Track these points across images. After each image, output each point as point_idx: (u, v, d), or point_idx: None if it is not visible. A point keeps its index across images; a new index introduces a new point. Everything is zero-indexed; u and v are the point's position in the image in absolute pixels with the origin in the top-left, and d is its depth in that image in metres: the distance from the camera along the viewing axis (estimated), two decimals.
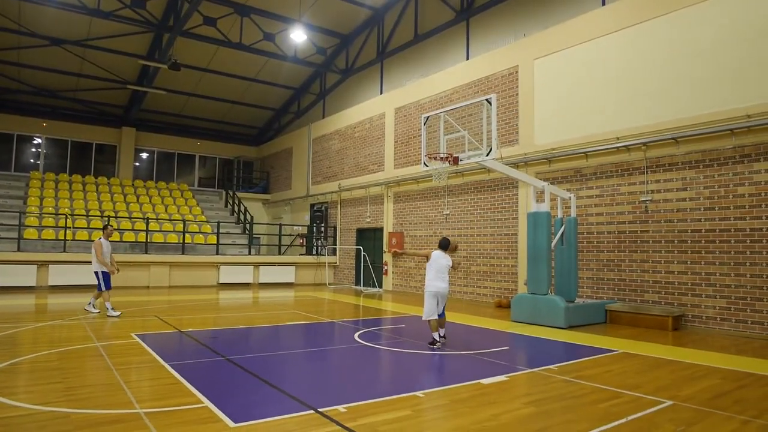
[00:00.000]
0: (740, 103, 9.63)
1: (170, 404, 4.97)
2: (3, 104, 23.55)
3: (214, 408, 4.82)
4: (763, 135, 9.39)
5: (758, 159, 9.46)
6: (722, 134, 9.87)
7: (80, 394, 5.36)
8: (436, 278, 7.95)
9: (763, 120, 9.26)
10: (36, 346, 7.74)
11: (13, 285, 15.79)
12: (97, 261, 11.03)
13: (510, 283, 13.98)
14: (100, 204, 21.90)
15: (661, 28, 10.93)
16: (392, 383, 5.98)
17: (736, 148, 9.74)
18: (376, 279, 19.17)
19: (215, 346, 7.87)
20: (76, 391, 5.49)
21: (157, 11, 18.50)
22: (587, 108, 12.27)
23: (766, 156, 9.37)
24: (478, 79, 15.15)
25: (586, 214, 12.15)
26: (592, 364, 6.97)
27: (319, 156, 23.44)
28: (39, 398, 5.07)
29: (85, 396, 5.31)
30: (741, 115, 9.57)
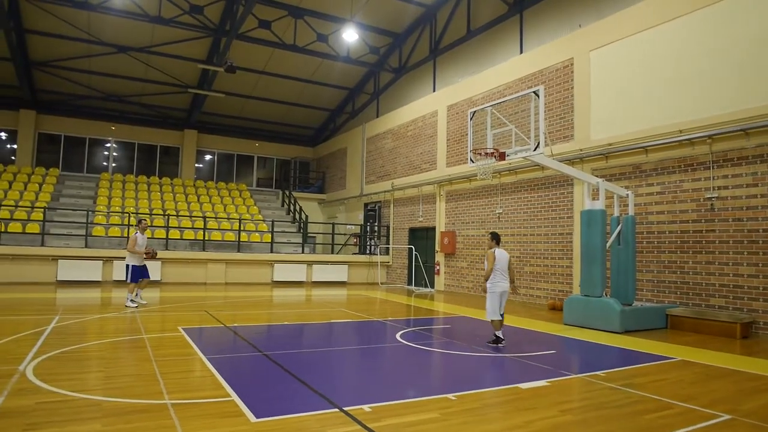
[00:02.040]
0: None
1: (198, 396, 4.99)
2: (76, 110, 24.98)
3: (239, 402, 4.80)
4: None
5: None
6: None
7: (117, 384, 5.49)
8: (501, 278, 7.89)
9: None
10: (88, 336, 8.05)
11: (80, 279, 16.65)
12: (128, 251, 11.47)
13: (564, 285, 13.40)
14: (163, 203, 22.79)
15: (727, 11, 10.13)
16: (425, 384, 5.78)
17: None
18: (428, 279, 18.93)
19: (254, 342, 7.92)
20: (114, 380, 5.63)
21: (215, 16, 19.05)
22: (647, 100, 11.58)
23: None
24: (531, 74, 14.64)
25: (646, 213, 11.45)
26: (644, 372, 6.49)
27: (373, 155, 23.44)
28: (78, 386, 5.21)
29: (120, 385, 5.43)
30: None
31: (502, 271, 7.91)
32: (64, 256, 16.80)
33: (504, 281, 7.90)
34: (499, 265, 7.89)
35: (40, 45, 20.52)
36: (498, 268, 7.87)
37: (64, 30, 19.26)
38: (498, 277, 7.89)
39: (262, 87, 24.66)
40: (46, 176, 22.98)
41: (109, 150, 26.49)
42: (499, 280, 7.87)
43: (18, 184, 21.30)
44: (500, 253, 7.97)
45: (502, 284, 7.88)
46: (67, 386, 5.16)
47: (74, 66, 21.87)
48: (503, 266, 7.93)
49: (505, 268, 7.95)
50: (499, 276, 7.89)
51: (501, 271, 7.90)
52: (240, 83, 23.73)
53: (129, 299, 11.36)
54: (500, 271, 7.89)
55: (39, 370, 5.74)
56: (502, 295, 7.90)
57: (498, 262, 7.88)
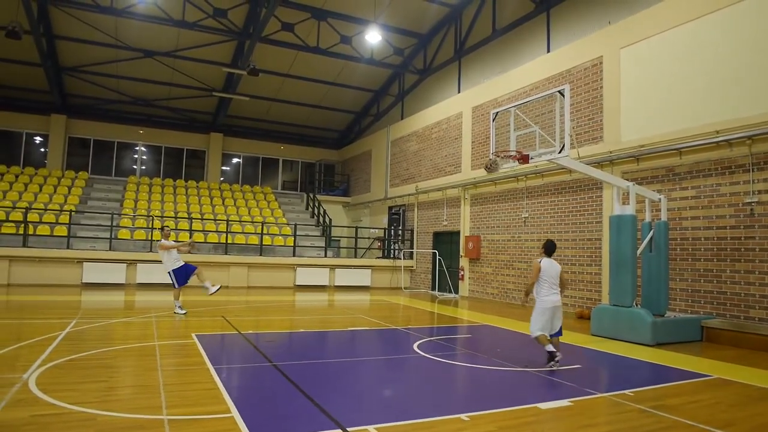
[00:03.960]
0: None
1: (198, 412, 4.76)
2: (105, 114, 25.37)
3: (239, 419, 4.54)
4: None
5: None
6: None
7: (117, 396, 5.30)
8: (550, 291, 7.04)
9: None
10: (100, 342, 7.92)
11: (105, 282, 16.78)
12: (168, 261, 11.29)
13: (593, 293, 12.86)
14: (188, 207, 22.92)
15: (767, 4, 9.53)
16: (438, 402, 5.43)
17: None
18: (452, 284, 18.52)
19: (266, 351, 7.69)
20: (115, 392, 5.45)
21: (239, 20, 19.04)
22: (681, 99, 10.99)
23: None
24: (559, 73, 14.14)
25: (680, 218, 10.86)
26: (677, 391, 6.02)
27: (397, 158, 23.15)
28: (77, 397, 5.03)
29: (120, 397, 5.25)
30: None
31: (551, 284, 7.04)
32: (89, 259, 16.96)
33: (554, 294, 7.04)
34: (546, 276, 7.04)
35: (70, 50, 20.86)
36: (545, 280, 7.04)
37: (92, 35, 19.51)
38: (545, 290, 7.04)
39: (287, 90, 24.62)
40: (75, 179, 23.37)
41: (137, 153, 26.82)
42: (547, 294, 7.03)
43: (48, 188, 21.68)
44: (548, 263, 7.13)
45: (551, 298, 7.02)
46: (66, 398, 4.99)
47: (102, 71, 22.17)
48: (551, 279, 7.05)
49: (554, 281, 7.07)
50: (546, 289, 7.04)
51: (549, 283, 7.04)
52: (264, 86, 23.75)
53: (177, 305, 11.22)
54: (548, 283, 7.04)
55: (42, 379, 5.60)
56: (555, 310, 7.03)
57: (544, 274, 7.04)
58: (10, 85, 22.81)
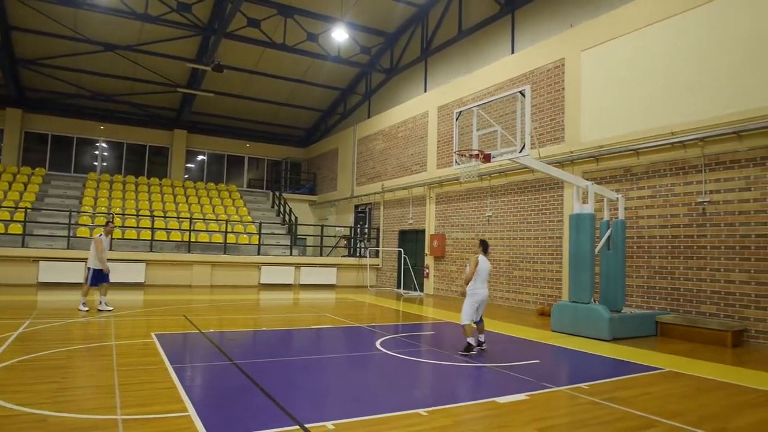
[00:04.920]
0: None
1: (154, 411, 4.68)
2: (64, 108, 24.61)
3: (195, 418, 4.49)
4: None
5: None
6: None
7: (69, 396, 5.17)
8: (482, 285, 7.78)
9: None
10: (55, 342, 7.69)
11: (62, 281, 16.29)
12: (96, 257, 11.07)
13: (554, 290, 13.13)
14: (151, 204, 22.45)
15: (720, 11, 9.88)
16: (397, 398, 5.47)
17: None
18: (417, 282, 18.64)
19: (227, 349, 7.61)
20: (67, 392, 5.31)
21: (203, 14, 18.73)
22: (639, 101, 11.32)
23: None
24: (523, 74, 14.38)
25: (637, 217, 11.19)
26: (630, 384, 6.21)
27: (364, 156, 23.15)
28: (28, 399, 4.89)
29: (73, 398, 5.12)
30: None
31: (483, 279, 7.75)
32: (46, 258, 16.44)
33: (484, 289, 7.79)
34: (483, 271, 7.74)
35: (27, 42, 20.17)
36: (481, 275, 7.72)
37: (51, 27, 18.91)
38: (479, 284, 7.74)
39: (253, 87, 24.35)
40: (31, 176, 22.60)
41: (98, 150, 26.11)
42: (480, 287, 7.74)
43: (2, 184, 20.90)
44: (484, 260, 7.80)
45: (483, 291, 7.76)
46: (16, 399, 4.84)
47: (61, 64, 21.52)
48: (485, 274, 7.77)
49: (486, 276, 7.80)
50: (479, 283, 7.74)
51: (482, 278, 7.75)
52: (230, 83, 23.43)
53: (82, 302, 10.96)
54: (481, 278, 7.74)
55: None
56: (482, 302, 7.79)
57: (481, 269, 7.72)
58: None
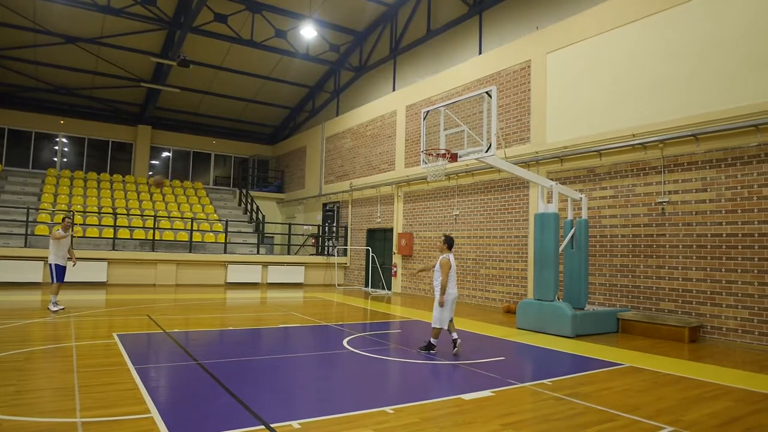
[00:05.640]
0: (766, 96, 8.87)
1: (115, 413, 4.58)
2: (21, 102, 23.79)
3: (158, 419, 4.41)
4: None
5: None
6: (746, 130, 9.12)
7: (26, 399, 5.01)
8: (453, 285, 7.53)
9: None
10: (11, 344, 7.44)
11: (18, 281, 15.78)
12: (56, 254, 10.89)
13: (519, 288, 13.35)
14: (113, 201, 21.91)
15: (681, 17, 10.20)
16: (363, 396, 5.48)
17: (762, 146, 8.98)
18: (385, 281, 18.69)
19: (192, 350, 7.50)
20: (24, 395, 5.15)
21: (169, 8, 18.35)
22: (602, 104, 11.59)
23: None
24: (490, 75, 14.55)
25: (599, 216, 11.46)
26: (591, 380, 6.36)
27: (332, 155, 23.07)
28: None
29: (30, 401, 4.97)
30: (767, 109, 8.82)
31: (453, 277, 7.53)
32: (2, 257, 15.88)
33: (455, 288, 7.56)
34: (453, 271, 7.50)
35: None
36: (452, 275, 7.48)
37: (8, 17, 18.25)
38: (452, 284, 7.49)
39: (219, 83, 23.98)
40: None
41: (58, 145, 25.34)
42: (451, 288, 7.48)
43: None
44: (452, 259, 7.59)
45: (454, 291, 7.53)
46: None
47: (19, 56, 20.79)
48: (454, 273, 7.56)
49: (455, 274, 7.58)
50: (452, 283, 7.50)
51: (453, 279, 7.53)
52: (196, 78, 23.04)
53: (53, 302, 10.70)
54: (454, 278, 7.53)
55: None
56: (454, 302, 7.57)
57: (453, 270, 7.49)
58: None
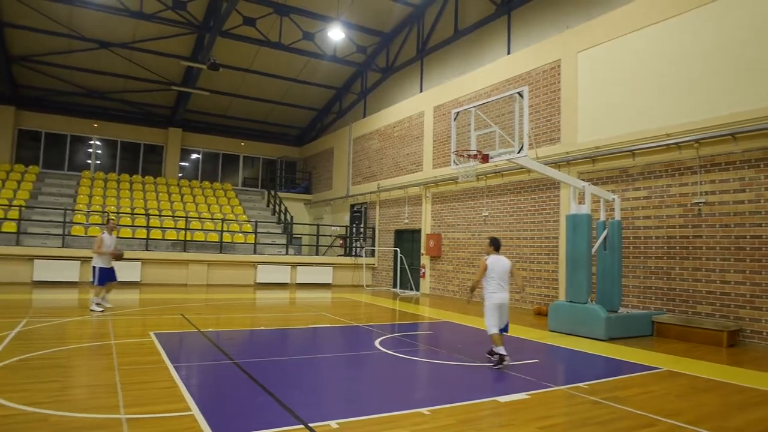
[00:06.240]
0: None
1: (156, 410, 4.69)
2: (57, 106, 24.44)
3: (200, 417, 4.50)
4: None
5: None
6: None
7: (71, 396, 5.17)
8: (498, 288, 6.97)
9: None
10: (53, 341, 7.67)
11: (57, 280, 16.22)
12: (95, 252, 11.07)
13: (551, 290, 13.20)
14: (146, 203, 22.36)
15: (716, 13, 9.97)
16: (399, 397, 5.50)
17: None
18: (413, 282, 18.68)
19: (226, 348, 7.61)
20: (69, 391, 5.32)
21: (199, 12, 18.67)
22: (634, 103, 11.40)
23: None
24: (519, 75, 14.44)
25: (633, 217, 11.27)
26: (629, 383, 6.26)
27: (359, 156, 23.16)
28: (29, 398, 4.88)
29: (74, 397, 5.12)
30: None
31: (500, 280, 6.96)
32: (41, 256, 16.35)
33: (500, 292, 6.95)
34: (495, 273, 6.96)
35: (21, 39, 20.01)
36: (493, 277, 6.96)
37: (45, 24, 18.77)
38: (493, 287, 6.96)
39: (248, 85, 24.29)
40: (25, 174, 22.46)
41: (92, 147, 25.97)
42: (494, 290, 6.95)
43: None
44: (496, 260, 7.04)
45: (497, 295, 6.96)
46: (17, 398, 4.83)
47: (55, 61, 21.36)
48: (500, 275, 6.98)
49: (504, 276, 7.01)
50: (494, 286, 6.95)
51: (498, 280, 6.96)
52: (225, 81, 23.36)
53: (95, 303, 10.93)
54: (497, 280, 6.96)
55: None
56: (500, 307, 6.96)
57: (492, 271, 6.97)
58: None
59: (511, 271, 7.13)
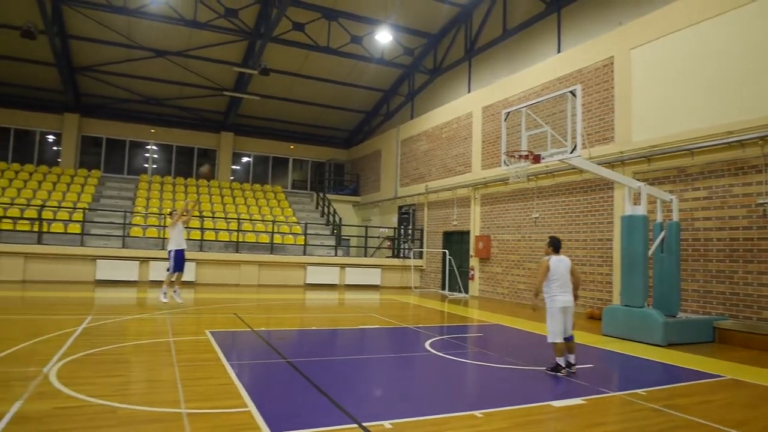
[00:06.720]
0: None
1: (215, 406, 4.84)
2: (117, 113, 25.56)
3: (256, 413, 4.62)
4: None
5: None
6: None
7: (134, 390, 5.41)
8: (560, 290, 6.64)
9: None
10: (116, 337, 8.04)
11: (117, 279, 16.95)
12: (175, 240, 11.49)
13: (604, 293, 12.85)
14: (199, 205, 23.05)
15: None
16: (452, 399, 5.49)
17: None
18: (462, 284, 18.55)
19: (278, 347, 7.77)
20: (133, 385, 5.56)
21: (250, 19, 19.16)
22: (692, 100, 10.96)
23: None
24: (570, 73, 14.14)
25: (692, 219, 10.84)
26: (689, 391, 6.03)
27: (407, 158, 23.19)
28: (96, 390, 5.12)
29: (138, 391, 5.35)
30: None
31: (562, 282, 6.66)
32: (103, 256, 17.14)
33: (564, 294, 6.64)
34: (556, 275, 6.65)
35: (83, 50, 21.06)
36: (556, 279, 6.65)
37: (105, 35, 19.68)
38: (555, 289, 6.64)
39: (297, 89, 24.72)
40: (88, 178, 23.57)
41: (149, 152, 27.03)
42: (557, 293, 6.63)
43: (61, 186, 21.90)
44: (558, 261, 6.74)
45: (561, 297, 6.62)
46: (86, 391, 5.08)
47: (115, 70, 22.35)
48: (562, 277, 6.67)
49: (566, 278, 6.70)
50: (556, 288, 6.64)
51: (560, 282, 6.65)
52: (275, 85, 23.85)
53: (163, 293, 11.33)
54: (558, 282, 6.65)
55: (62, 373, 5.71)
56: (565, 310, 6.64)
57: (553, 273, 6.66)
58: (25, 85, 23.05)
59: (571, 272, 6.81)
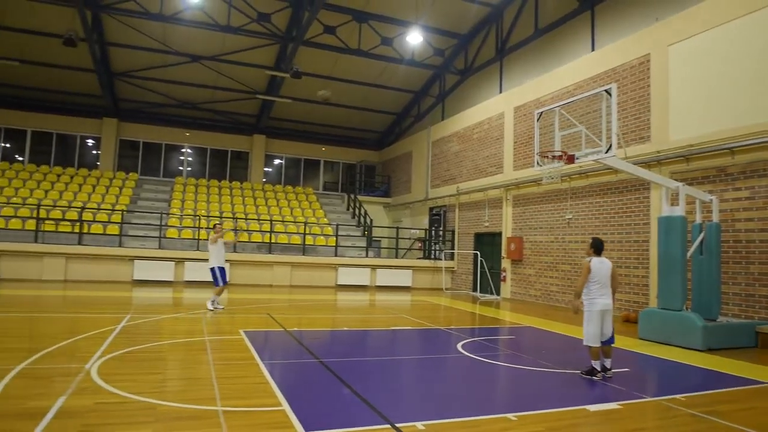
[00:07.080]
0: None
1: (250, 404, 4.93)
2: (153, 117, 26.20)
3: (290, 412, 4.68)
4: None
5: None
6: None
7: (173, 387, 5.54)
8: (600, 293, 6.51)
9: None
10: (154, 336, 8.25)
11: (154, 279, 17.37)
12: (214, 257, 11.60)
13: (640, 296, 12.57)
14: (233, 207, 23.47)
15: None
16: (485, 401, 5.45)
17: None
18: (494, 286, 18.39)
19: (311, 348, 7.85)
20: (170, 383, 5.69)
21: (282, 23, 19.41)
22: (732, 97, 10.64)
23: None
24: (604, 72, 13.89)
25: (733, 220, 10.51)
26: (730, 397, 5.86)
27: (438, 159, 23.12)
28: (137, 387, 5.27)
29: (175, 389, 5.47)
30: None
31: (602, 284, 6.52)
32: (140, 257, 17.58)
33: (604, 297, 6.51)
34: (597, 277, 6.51)
35: (121, 56, 21.67)
36: (596, 281, 6.52)
37: (142, 41, 20.20)
38: (595, 291, 6.50)
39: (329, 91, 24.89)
40: (126, 180, 24.23)
41: (184, 155, 27.63)
42: (596, 296, 6.49)
43: (100, 188, 22.55)
44: (599, 263, 6.60)
45: (600, 300, 6.48)
46: (126, 387, 5.23)
47: (151, 75, 22.93)
48: (603, 279, 6.53)
49: (607, 281, 6.56)
50: (596, 291, 6.50)
51: (601, 284, 6.52)
52: (307, 88, 24.05)
53: (212, 300, 11.51)
54: (599, 284, 6.52)
55: (103, 370, 5.88)
56: (604, 313, 6.51)
57: (595, 275, 6.51)
58: (66, 91, 23.86)
59: (612, 275, 6.66)
